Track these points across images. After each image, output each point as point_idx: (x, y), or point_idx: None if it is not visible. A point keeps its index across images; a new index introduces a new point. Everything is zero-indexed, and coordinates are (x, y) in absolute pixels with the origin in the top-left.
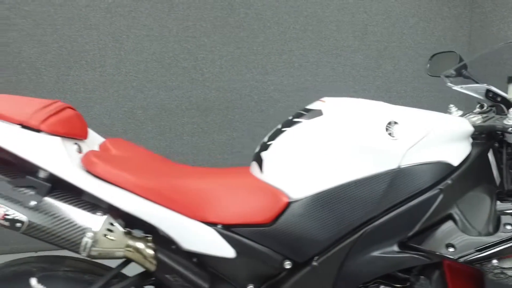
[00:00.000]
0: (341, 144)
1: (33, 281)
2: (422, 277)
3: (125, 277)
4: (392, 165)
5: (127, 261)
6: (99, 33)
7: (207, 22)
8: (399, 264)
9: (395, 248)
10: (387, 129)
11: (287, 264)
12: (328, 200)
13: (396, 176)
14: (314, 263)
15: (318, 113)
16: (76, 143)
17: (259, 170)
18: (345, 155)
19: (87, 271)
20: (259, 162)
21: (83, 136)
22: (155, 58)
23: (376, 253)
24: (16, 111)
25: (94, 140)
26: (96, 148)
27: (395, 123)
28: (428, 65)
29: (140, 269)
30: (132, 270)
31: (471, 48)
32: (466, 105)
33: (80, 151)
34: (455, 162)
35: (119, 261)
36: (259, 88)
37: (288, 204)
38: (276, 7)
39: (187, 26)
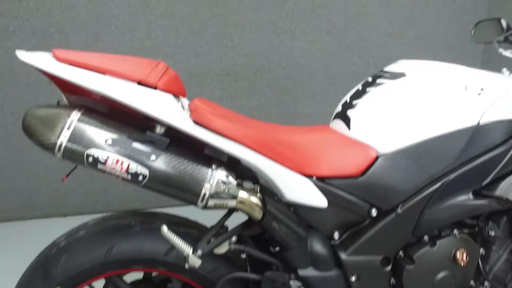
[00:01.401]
0: (426, 103)
1: (164, 228)
2: (490, 222)
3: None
4: (472, 122)
5: (229, 213)
6: None
7: None
8: (474, 210)
9: (470, 196)
10: (468, 89)
11: (373, 212)
12: (413, 154)
13: (475, 132)
14: (398, 211)
15: (401, 74)
16: (179, 101)
17: (346, 127)
18: (429, 112)
19: (180, 224)
20: (345, 120)
21: (183, 94)
22: (185, 23)
23: (453, 201)
24: (133, 70)
25: (184, 99)
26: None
27: (476, 83)
28: (473, 31)
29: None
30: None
31: (491, 15)
32: None
33: (183, 108)
34: None
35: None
36: (287, 54)
37: (377, 157)
38: None
39: None
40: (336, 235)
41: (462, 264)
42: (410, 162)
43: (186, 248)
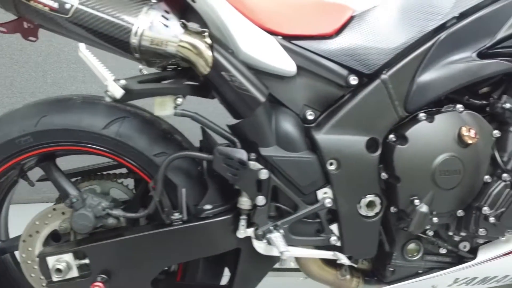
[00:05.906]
0: None
1: (82, 46)
2: (504, 95)
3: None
4: None
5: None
6: None
7: None
8: (479, 71)
9: (474, 56)
10: None
11: (352, 80)
12: (398, 5)
13: None
14: (384, 76)
15: None
16: None
17: None
18: None
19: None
20: None
21: None
22: None
23: (452, 62)
24: None
25: None
26: None
27: None
28: None
29: None
30: None
31: None
32: None
33: None
34: None
35: None
36: None
37: (353, 16)
38: None
39: None
40: (309, 115)
41: (470, 142)
42: (394, 15)
43: (107, 74)
